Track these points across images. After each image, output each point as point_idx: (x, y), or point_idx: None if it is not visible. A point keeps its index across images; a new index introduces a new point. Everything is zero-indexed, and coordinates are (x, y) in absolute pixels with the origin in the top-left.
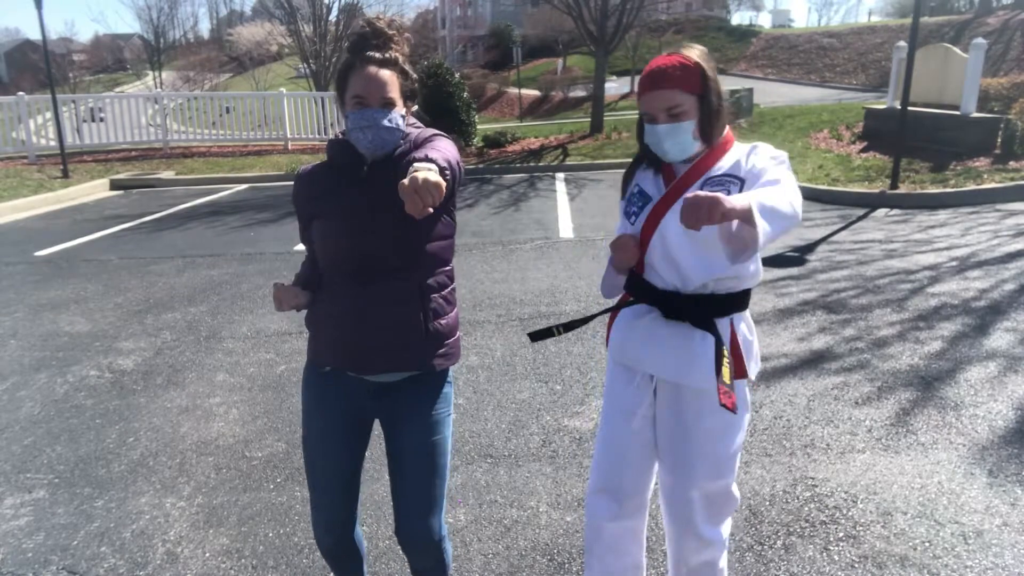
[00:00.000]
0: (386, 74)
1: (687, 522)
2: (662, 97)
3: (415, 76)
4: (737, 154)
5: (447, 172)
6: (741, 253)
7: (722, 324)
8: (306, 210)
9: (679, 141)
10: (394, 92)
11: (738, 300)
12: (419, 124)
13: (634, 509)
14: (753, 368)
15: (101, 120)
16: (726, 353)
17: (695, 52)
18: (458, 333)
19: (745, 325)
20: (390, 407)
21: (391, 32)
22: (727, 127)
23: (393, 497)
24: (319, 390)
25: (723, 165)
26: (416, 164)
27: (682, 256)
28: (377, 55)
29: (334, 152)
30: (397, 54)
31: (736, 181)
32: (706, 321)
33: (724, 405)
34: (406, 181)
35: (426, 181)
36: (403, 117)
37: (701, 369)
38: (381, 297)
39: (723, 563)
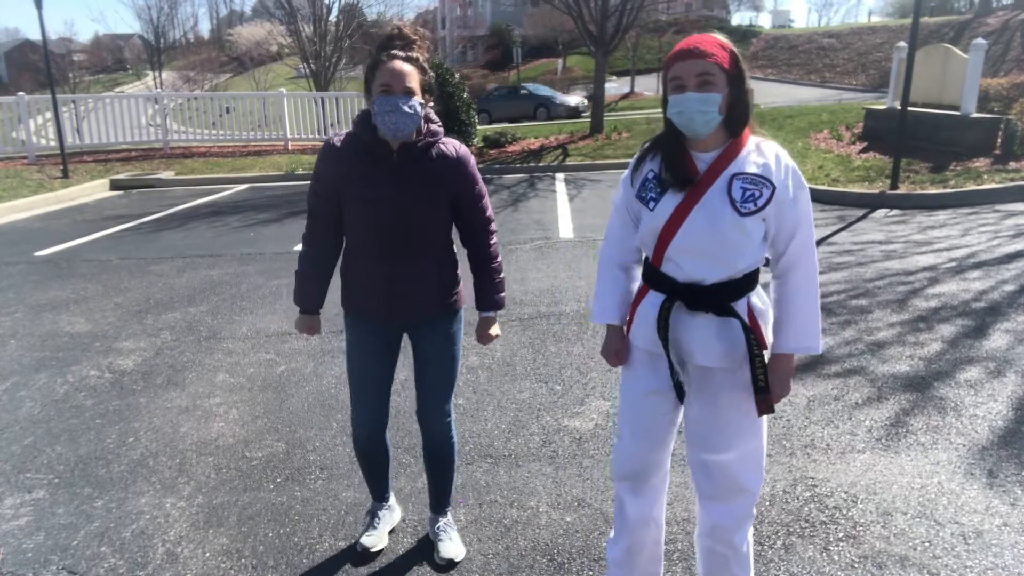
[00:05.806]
0: (408, 68)
1: (731, 480)
2: (695, 64)
3: (432, 74)
4: (760, 150)
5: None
6: None
7: (739, 304)
8: (333, 185)
9: (706, 111)
10: (414, 83)
11: (753, 279)
12: (439, 122)
13: (657, 485)
14: (770, 334)
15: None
16: (759, 363)
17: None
18: (460, 283)
19: (757, 297)
20: (416, 329)
21: (415, 37)
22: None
23: (417, 387)
24: (355, 320)
25: (748, 160)
26: (489, 319)
27: (714, 248)
28: (402, 53)
29: (363, 133)
30: (418, 54)
31: (768, 185)
32: (727, 308)
33: (764, 412)
34: (485, 336)
35: (494, 336)
36: (421, 105)
37: (730, 353)
38: (404, 271)
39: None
